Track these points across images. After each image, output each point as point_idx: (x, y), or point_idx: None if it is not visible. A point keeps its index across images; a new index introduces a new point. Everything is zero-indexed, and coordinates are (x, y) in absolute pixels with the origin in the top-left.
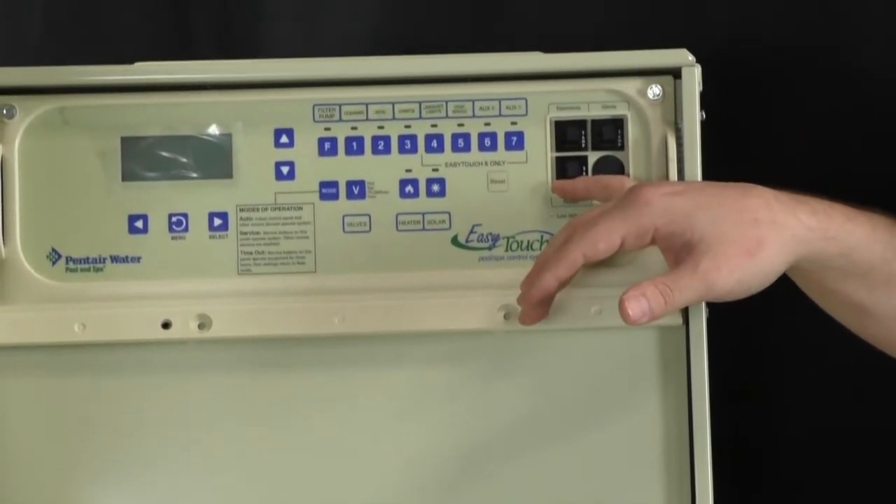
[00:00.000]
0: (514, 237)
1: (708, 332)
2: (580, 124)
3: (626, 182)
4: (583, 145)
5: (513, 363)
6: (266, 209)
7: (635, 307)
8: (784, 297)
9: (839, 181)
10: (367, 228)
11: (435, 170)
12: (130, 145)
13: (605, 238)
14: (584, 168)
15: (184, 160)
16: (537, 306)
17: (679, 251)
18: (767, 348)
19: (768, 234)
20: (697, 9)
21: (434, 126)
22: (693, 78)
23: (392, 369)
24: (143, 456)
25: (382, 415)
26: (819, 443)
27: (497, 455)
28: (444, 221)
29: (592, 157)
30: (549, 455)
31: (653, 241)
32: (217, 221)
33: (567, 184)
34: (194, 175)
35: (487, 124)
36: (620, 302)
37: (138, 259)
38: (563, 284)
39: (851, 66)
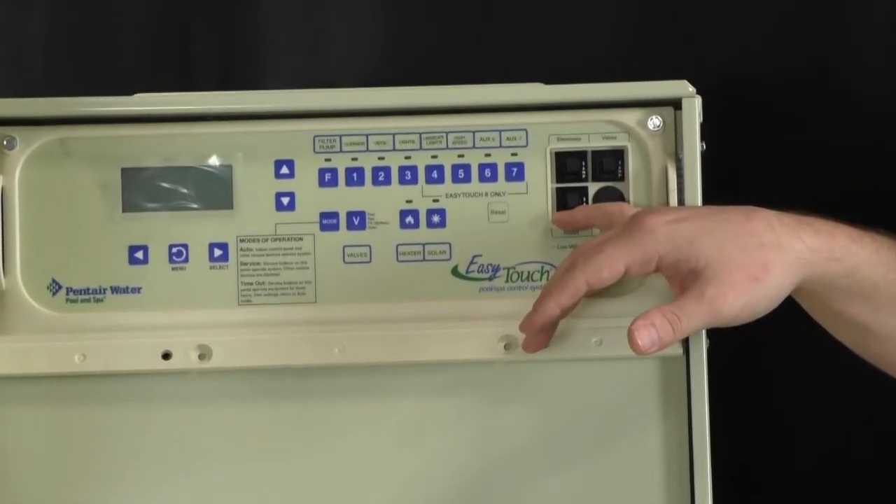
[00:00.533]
0: (514, 268)
1: (708, 359)
2: (580, 155)
3: (627, 209)
4: (583, 176)
5: (514, 394)
6: (266, 240)
7: (644, 336)
8: (784, 323)
9: (840, 208)
10: (368, 259)
11: (435, 200)
12: (131, 176)
13: (608, 265)
14: (584, 199)
15: (184, 191)
16: (539, 333)
17: (685, 278)
18: (768, 375)
19: (773, 258)
20: (697, 40)
21: (434, 157)
22: (693, 109)
23: (392, 399)
24: (144, 486)
25: (384, 445)
26: (821, 471)
27: (498, 485)
28: (444, 252)
29: (593, 188)
30: (550, 485)
31: (657, 269)
32: (217, 252)
33: (567, 215)
34: (195, 206)
35: (488, 155)
36: (629, 332)
37: (139, 290)
38: (567, 312)
39: (849, 94)
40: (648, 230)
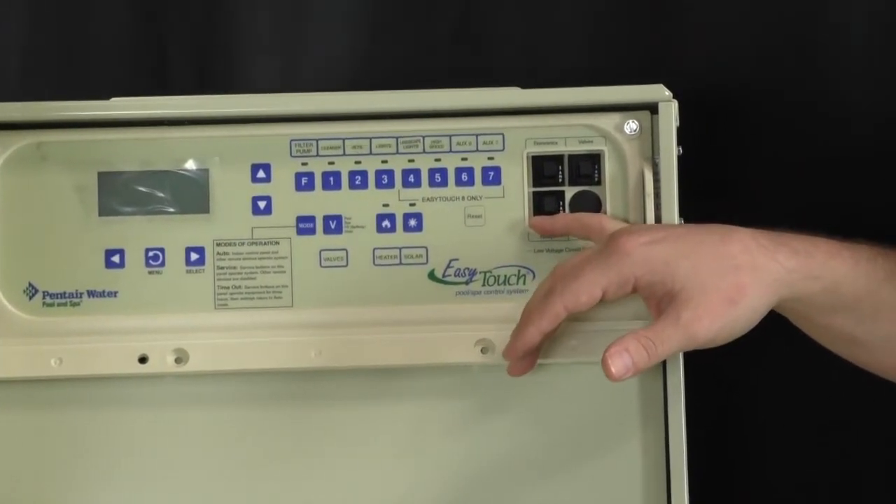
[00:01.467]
0: (490, 272)
1: (685, 366)
2: (557, 159)
3: (605, 222)
4: (560, 180)
5: (491, 396)
6: (243, 244)
7: (618, 363)
8: (764, 330)
9: (819, 213)
10: (345, 263)
11: (412, 205)
12: (107, 180)
13: (586, 291)
14: (560, 203)
15: (161, 195)
16: (523, 358)
17: (660, 300)
18: (746, 379)
19: (749, 280)
20: (675, 44)
21: (411, 161)
22: (670, 113)
23: (369, 403)
24: (120, 490)
25: (361, 449)
26: (799, 481)
27: (476, 489)
28: (421, 256)
29: (569, 192)
30: (528, 488)
31: (634, 290)
32: (194, 256)
33: (545, 221)
34: (171, 210)
35: (464, 159)
36: (603, 359)
37: (115, 294)
38: (548, 337)
39: (829, 99)
40: (625, 253)
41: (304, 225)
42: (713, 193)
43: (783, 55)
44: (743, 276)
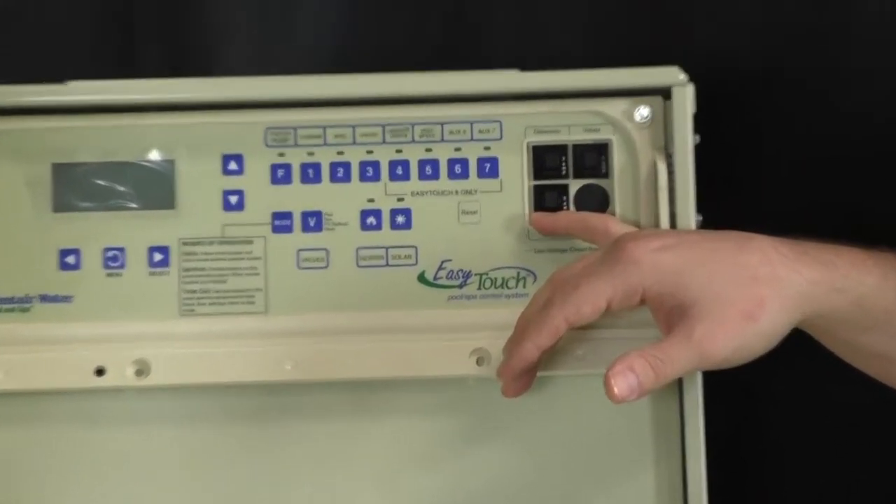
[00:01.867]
0: (487, 274)
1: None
2: (560, 150)
3: (611, 224)
4: (563, 173)
5: (488, 413)
6: (212, 243)
7: (622, 384)
8: (785, 347)
9: (822, 212)
10: (325, 264)
11: (400, 199)
12: (63, 172)
13: (589, 302)
14: (564, 198)
15: (121, 189)
16: (519, 377)
17: (670, 313)
18: (765, 390)
19: (768, 293)
20: (688, 23)
21: (399, 151)
22: (685, 98)
23: (351, 421)
24: None
25: (341, 472)
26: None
27: None
28: (409, 257)
29: (574, 185)
30: None
31: (642, 302)
32: (157, 257)
33: (547, 218)
34: (133, 205)
35: (458, 149)
36: (606, 378)
37: (69, 298)
38: (547, 352)
39: (844, 86)
40: (632, 261)
41: (281, 222)
42: (729, 184)
43: (799, 39)
44: (762, 289)
